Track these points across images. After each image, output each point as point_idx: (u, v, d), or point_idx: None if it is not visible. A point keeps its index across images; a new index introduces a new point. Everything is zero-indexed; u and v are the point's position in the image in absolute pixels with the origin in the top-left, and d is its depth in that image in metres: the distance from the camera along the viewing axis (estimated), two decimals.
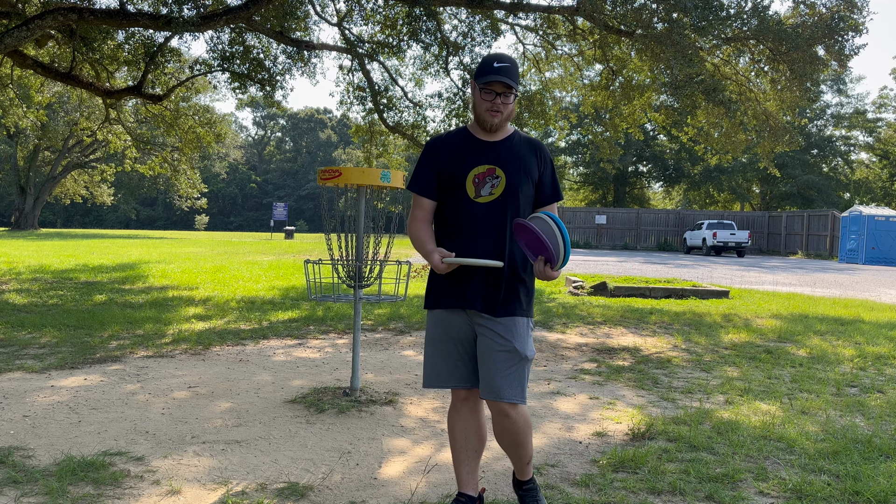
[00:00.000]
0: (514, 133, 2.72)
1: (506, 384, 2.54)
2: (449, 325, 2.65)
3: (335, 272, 4.39)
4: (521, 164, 2.64)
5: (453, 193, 2.64)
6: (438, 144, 2.71)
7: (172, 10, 9.73)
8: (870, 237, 25.64)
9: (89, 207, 70.23)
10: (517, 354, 2.56)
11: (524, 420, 2.63)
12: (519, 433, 2.63)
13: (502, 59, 2.56)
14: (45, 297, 9.39)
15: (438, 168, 2.67)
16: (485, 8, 11.51)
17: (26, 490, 2.85)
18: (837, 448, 3.53)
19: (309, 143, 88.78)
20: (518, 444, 2.66)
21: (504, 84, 2.55)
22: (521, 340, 2.58)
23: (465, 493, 2.70)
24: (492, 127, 2.62)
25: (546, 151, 2.74)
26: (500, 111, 2.59)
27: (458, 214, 2.63)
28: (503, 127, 2.67)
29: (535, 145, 2.71)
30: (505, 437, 2.66)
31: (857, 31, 11.28)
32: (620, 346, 6.61)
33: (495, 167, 2.62)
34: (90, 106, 28.84)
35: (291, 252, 23.13)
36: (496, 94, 2.56)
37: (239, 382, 4.84)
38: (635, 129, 15.96)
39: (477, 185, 2.61)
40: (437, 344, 2.68)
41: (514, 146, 2.67)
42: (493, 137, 2.67)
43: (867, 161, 47.16)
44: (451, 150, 2.67)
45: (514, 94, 2.60)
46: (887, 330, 7.73)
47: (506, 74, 2.53)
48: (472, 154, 2.64)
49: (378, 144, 16.08)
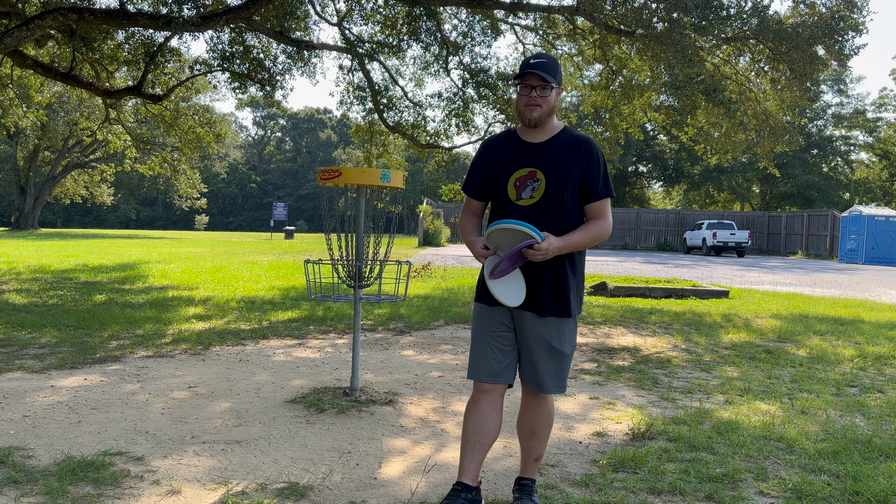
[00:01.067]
0: (562, 132, 2.71)
1: (548, 378, 2.69)
2: (489, 320, 2.71)
3: (335, 272, 4.39)
4: (561, 165, 2.63)
5: (498, 197, 2.71)
6: (489, 146, 2.79)
7: (172, 10, 9.73)
8: (870, 237, 25.64)
9: (89, 207, 70.22)
10: (557, 352, 2.67)
11: (550, 410, 2.78)
12: (542, 419, 2.76)
13: (538, 56, 2.65)
14: (45, 297, 9.39)
15: (486, 170, 2.75)
16: (485, 8, 11.51)
17: (26, 490, 2.85)
18: (837, 448, 3.53)
19: (309, 143, 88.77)
20: (535, 432, 2.77)
21: (538, 77, 2.59)
22: (560, 339, 2.67)
23: (462, 481, 2.71)
24: (531, 122, 2.64)
25: (593, 147, 2.68)
26: (539, 104, 2.61)
27: (503, 217, 2.67)
28: (546, 123, 2.68)
29: (579, 143, 2.67)
30: (526, 420, 2.78)
31: (857, 31, 11.28)
32: (620, 346, 6.61)
33: (536, 170, 2.64)
34: (90, 106, 28.84)
35: (291, 252, 23.13)
36: (532, 88, 2.60)
37: (239, 382, 4.84)
38: (635, 129, 15.96)
39: (518, 188, 2.65)
40: (478, 337, 2.74)
41: (557, 147, 2.66)
42: (537, 138, 2.69)
43: (867, 161, 47.17)
44: (497, 153, 2.73)
45: (552, 87, 2.62)
46: (887, 330, 7.73)
47: (540, 68, 2.59)
48: (515, 157, 2.68)
49: (378, 144, 16.07)
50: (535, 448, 2.79)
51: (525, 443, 2.81)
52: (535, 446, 2.79)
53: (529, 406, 2.78)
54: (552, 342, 2.66)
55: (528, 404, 2.79)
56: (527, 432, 2.79)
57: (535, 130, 2.69)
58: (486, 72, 13.05)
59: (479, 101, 13.37)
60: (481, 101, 13.30)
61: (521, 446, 2.85)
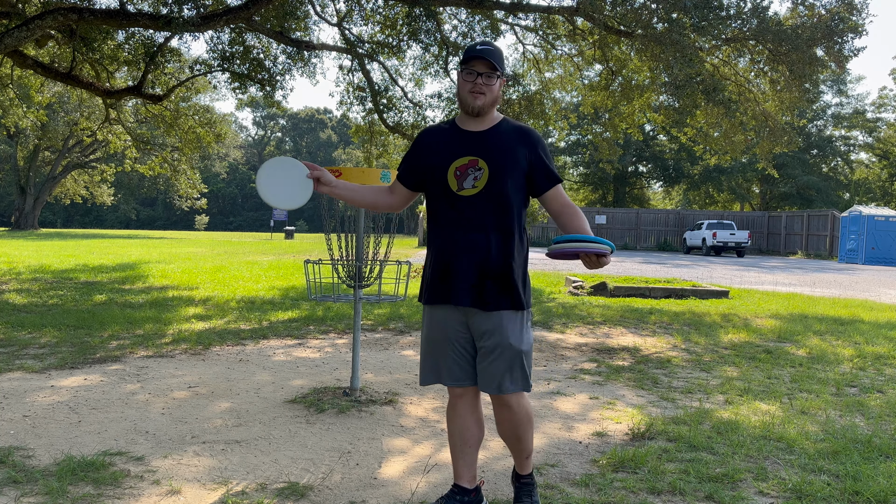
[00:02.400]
0: (503, 121, 2.61)
1: (506, 377, 2.51)
2: (443, 322, 2.60)
3: (335, 272, 4.39)
4: (507, 153, 2.51)
5: (437, 187, 2.56)
6: (425, 136, 2.66)
7: (172, 10, 9.73)
8: (869, 237, 25.64)
9: (89, 207, 70.20)
10: (512, 349, 2.50)
11: (525, 412, 2.61)
12: (520, 425, 2.61)
13: (484, 43, 2.52)
14: (45, 297, 9.39)
15: (421, 160, 2.62)
16: (485, 8, 11.51)
17: (26, 490, 2.85)
18: (837, 448, 3.54)
19: (309, 143, 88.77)
20: (518, 436, 2.64)
21: (485, 63, 2.48)
22: (514, 334, 2.51)
23: (459, 484, 2.71)
24: (474, 110, 2.52)
25: (536, 136, 2.58)
26: (483, 92, 2.49)
27: (443, 208, 2.55)
28: (489, 113, 2.56)
29: (524, 133, 2.57)
30: (505, 428, 2.64)
31: (857, 33, 11.29)
32: (620, 346, 6.61)
33: (478, 158, 2.51)
34: (90, 106, 28.84)
35: (291, 252, 23.13)
36: (478, 75, 2.49)
37: (239, 382, 4.84)
38: (635, 130, 15.97)
39: (459, 177, 2.52)
40: (432, 342, 2.64)
41: (500, 135, 2.55)
42: (478, 127, 2.56)
43: (867, 161, 47.18)
44: (435, 142, 2.60)
45: (498, 76, 2.51)
46: (887, 330, 7.73)
47: (487, 55, 2.47)
48: (455, 145, 2.55)
49: (378, 144, 16.08)
50: (524, 448, 2.69)
51: (514, 446, 2.70)
52: (523, 447, 2.69)
53: (502, 413, 2.60)
54: (509, 338, 2.49)
55: (501, 414, 2.61)
56: (511, 437, 2.67)
57: (475, 119, 2.57)
58: None
59: None
60: None
61: (510, 449, 2.75)
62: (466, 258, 2.51)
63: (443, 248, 2.56)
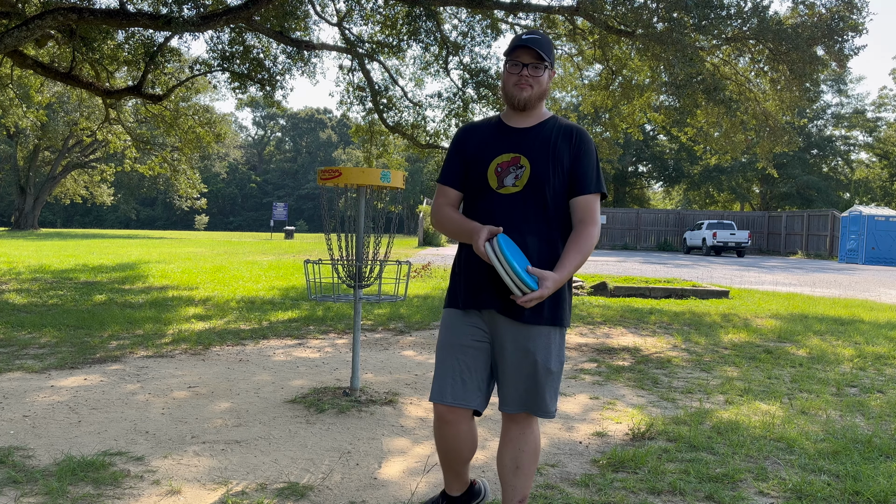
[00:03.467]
0: (551, 118, 2.43)
1: (532, 400, 2.33)
2: (462, 329, 2.37)
3: (335, 272, 4.39)
4: (550, 152, 2.34)
5: (476, 184, 2.39)
6: (467, 132, 2.49)
7: (172, 10, 9.73)
8: (870, 237, 25.64)
9: (89, 207, 70.24)
10: (542, 369, 2.30)
11: (536, 441, 2.42)
12: (530, 455, 2.40)
13: (531, 32, 2.36)
14: (45, 297, 9.38)
15: (464, 157, 2.44)
16: (485, 8, 11.51)
17: (26, 490, 2.85)
18: (837, 448, 3.53)
19: (309, 143, 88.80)
20: (521, 468, 2.40)
21: (532, 53, 2.31)
22: (546, 352, 2.30)
23: (449, 494, 2.62)
24: (521, 103, 2.35)
25: (584, 137, 2.39)
26: (529, 84, 2.33)
27: (481, 208, 2.37)
28: (536, 107, 2.39)
29: (571, 131, 2.38)
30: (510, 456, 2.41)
31: (857, 32, 11.29)
32: (620, 346, 6.61)
33: (520, 156, 2.34)
34: (90, 106, 28.84)
35: (291, 252, 23.13)
36: (523, 66, 2.32)
37: (239, 382, 4.84)
38: (635, 130, 15.97)
39: (499, 174, 2.35)
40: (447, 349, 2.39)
41: (545, 133, 2.37)
42: (523, 123, 2.40)
43: (867, 161, 47.17)
44: (478, 138, 2.44)
45: (546, 67, 2.34)
46: (887, 330, 7.73)
47: (532, 44, 2.30)
48: (498, 141, 2.39)
49: (378, 144, 16.08)
50: (520, 487, 2.40)
51: (508, 480, 2.41)
52: (520, 485, 2.40)
53: (512, 435, 2.39)
54: (537, 356, 2.29)
55: (510, 433, 2.40)
56: (510, 468, 2.39)
57: (521, 115, 2.40)
58: (486, 72, 13.06)
59: (478, 101, 13.38)
60: (481, 101, 13.31)
61: (502, 484, 2.44)
62: None
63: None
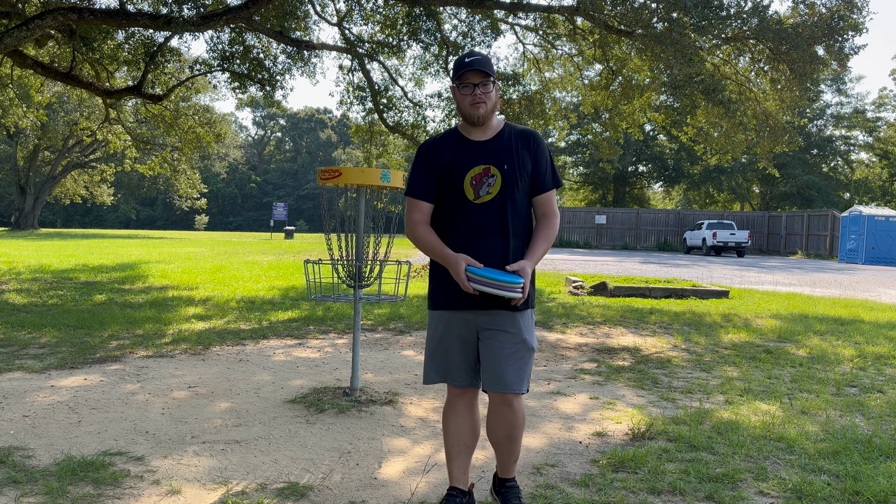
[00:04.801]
0: (505, 127, 2.71)
1: (514, 376, 2.59)
2: (451, 324, 2.66)
3: (335, 272, 4.39)
4: (515, 159, 2.63)
5: (452, 197, 2.64)
6: (432, 147, 2.71)
7: (172, 10, 9.73)
8: (870, 237, 25.64)
9: (89, 207, 70.22)
10: (525, 345, 2.60)
11: (522, 413, 2.68)
12: (517, 425, 2.67)
13: (471, 54, 2.61)
14: (45, 297, 9.38)
15: (436, 171, 2.67)
16: (485, 8, 11.51)
17: (26, 490, 2.85)
18: (837, 448, 3.53)
19: (309, 143, 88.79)
20: (513, 437, 2.69)
21: (479, 73, 2.57)
22: (528, 331, 2.63)
23: (456, 486, 2.75)
24: (479, 120, 2.62)
25: (539, 139, 2.70)
26: (483, 101, 2.59)
27: (460, 217, 2.63)
28: (490, 120, 2.67)
29: (526, 136, 2.68)
30: (502, 428, 2.68)
31: (857, 31, 11.29)
32: (620, 346, 6.61)
33: (490, 166, 2.61)
34: (90, 106, 28.85)
35: (291, 252, 23.13)
36: (474, 86, 2.58)
37: (239, 382, 4.84)
38: (635, 129, 15.97)
39: (475, 186, 2.62)
40: (439, 342, 2.69)
41: (506, 141, 2.66)
42: (483, 136, 2.67)
43: (867, 161, 47.16)
44: (445, 153, 2.67)
45: (492, 82, 2.61)
46: (887, 330, 7.73)
47: (478, 65, 2.56)
48: (466, 156, 2.64)
49: (378, 144, 16.09)
50: (514, 451, 2.74)
51: (504, 449, 2.74)
52: (514, 449, 2.74)
53: (503, 414, 2.65)
54: (523, 334, 2.60)
55: (499, 412, 2.66)
56: (504, 439, 2.70)
57: (480, 129, 2.67)
58: None
59: None
60: None
61: (497, 453, 2.77)
62: (486, 262, 2.59)
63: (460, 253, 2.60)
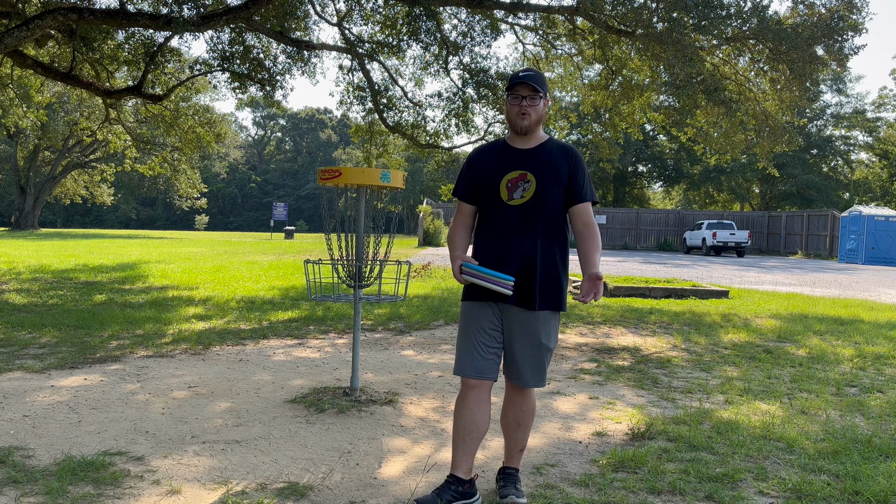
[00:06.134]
0: (549, 140, 2.93)
1: (532, 374, 2.84)
2: (480, 317, 2.84)
3: (335, 272, 4.39)
4: (551, 168, 2.83)
5: (489, 198, 2.87)
6: (480, 153, 2.99)
7: (172, 10, 9.73)
8: (869, 237, 25.64)
9: (89, 207, 70.22)
10: (543, 347, 2.82)
11: (533, 402, 2.94)
12: (527, 412, 2.93)
13: (527, 70, 2.85)
14: (45, 297, 9.39)
15: (475, 176, 2.92)
16: (485, 8, 11.51)
17: (26, 490, 2.85)
18: (837, 448, 3.53)
19: (309, 143, 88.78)
20: (521, 423, 2.93)
21: (528, 87, 2.80)
22: (546, 334, 2.83)
23: (455, 474, 2.82)
24: (522, 129, 2.84)
25: (578, 155, 2.90)
26: (528, 113, 2.82)
27: (494, 217, 2.85)
28: (535, 131, 2.88)
29: (566, 150, 2.90)
30: (512, 414, 2.93)
31: (857, 32, 11.29)
32: (620, 345, 6.61)
33: (526, 172, 2.83)
34: (90, 106, 28.85)
35: (291, 252, 23.13)
36: (522, 98, 2.81)
37: (239, 382, 4.84)
38: (635, 129, 15.96)
39: (510, 189, 2.84)
40: (466, 334, 2.87)
41: (546, 152, 2.87)
42: (526, 145, 2.89)
43: (867, 161, 47.15)
44: (487, 159, 2.92)
45: (541, 97, 2.83)
46: (887, 330, 7.73)
47: (529, 79, 2.80)
48: (506, 161, 2.88)
49: (378, 144, 16.08)
50: (521, 439, 2.96)
51: (511, 435, 2.96)
52: (521, 437, 2.96)
53: (515, 400, 2.93)
54: (541, 337, 2.81)
55: (513, 399, 2.93)
56: (513, 426, 2.94)
57: (524, 138, 2.89)
58: (486, 72, 13.05)
59: (478, 101, 13.37)
60: (481, 101, 13.30)
61: (506, 439, 2.99)
62: (517, 261, 2.80)
63: (495, 251, 2.83)
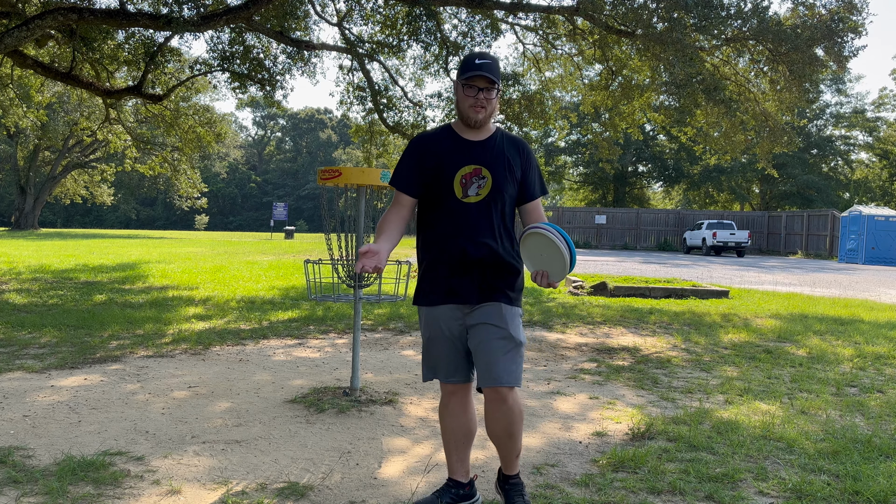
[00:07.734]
0: (497, 131, 2.75)
1: (503, 369, 2.56)
2: (440, 321, 2.69)
3: (335, 272, 4.39)
4: (506, 163, 2.66)
5: (441, 194, 2.65)
6: (424, 143, 2.72)
7: (172, 10, 9.73)
8: (869, 237, 25.64)
9: (89, 207, 70.21)
10: (512, 340, 2.59)
11: (519, 408, 2.63)
12: (514, 421, 2.62)
13: (483, 56, 2.59)
14: (45, 297, 9.39)
15: (423, 167, 2.68)
16: (485, 8, 11.51)
17: (26, 490, 2.85)
18: (837, 448, 3.53)
19: (309, 143, 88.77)
20: (511, 433, 2.65)
21: (486, 79, 2.57)
22: (514, 327, 2.62)
23: (454, 478, 2.80)
24: (476, 123, 2.64)
25: (528, 148, 2.76)
26: (484, 106, 2.61)
27: (448, 215, 2.65)
28: (487, 124, 2.69)
29: (518, 144, 2.74)
30: (500, 425, 2.63)
31: (857, 33, 11.29)
32: (620, 345, 6.61)
33: (481, 167, 2.64)
34: (90, 106, 28.84)
35: (291, 252, 23.13)
36: (479, 90, 2.58)
37: (239, 382, 4.84)
38: (635, 129, 15.97)
39: (464, 185, 2.64)
40: (431, 340, 2.73)
41: (499, 146, 2.69)
42: (477, 136, 2.68)
43: (867, 161, 47.15)
44: (437, 150, 2.67)
45: (497, 89, 2.63)
46: (886, 330, 7.73)
47: (487, 70, 2.55)
48: (458, 154, 2.65)
49: (378, 144, 16.09)
50: (514, 447, 2.70)
51: (503, 445, 2.69)
52: (514, 445, 2.70)
53: (497, 408, 2.61)
54: (509, 329, 2.59)
55: (494, 407, 2.61)
56: (503, 436, 2.65)
57: (474, 129, 2.69)
58: None
59: None
60: None
61: (499, 450, 2.73)
62: (473, 260, 2.63)
63: (448, 251, 2.65)
